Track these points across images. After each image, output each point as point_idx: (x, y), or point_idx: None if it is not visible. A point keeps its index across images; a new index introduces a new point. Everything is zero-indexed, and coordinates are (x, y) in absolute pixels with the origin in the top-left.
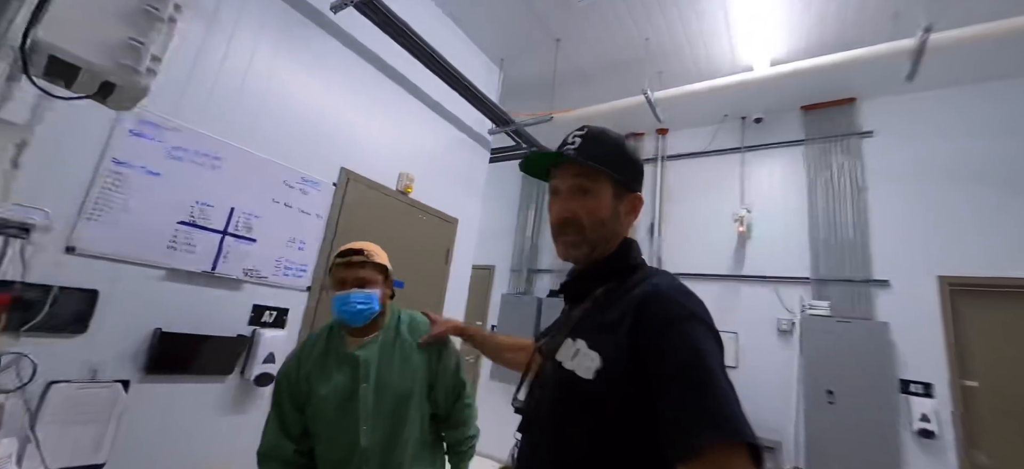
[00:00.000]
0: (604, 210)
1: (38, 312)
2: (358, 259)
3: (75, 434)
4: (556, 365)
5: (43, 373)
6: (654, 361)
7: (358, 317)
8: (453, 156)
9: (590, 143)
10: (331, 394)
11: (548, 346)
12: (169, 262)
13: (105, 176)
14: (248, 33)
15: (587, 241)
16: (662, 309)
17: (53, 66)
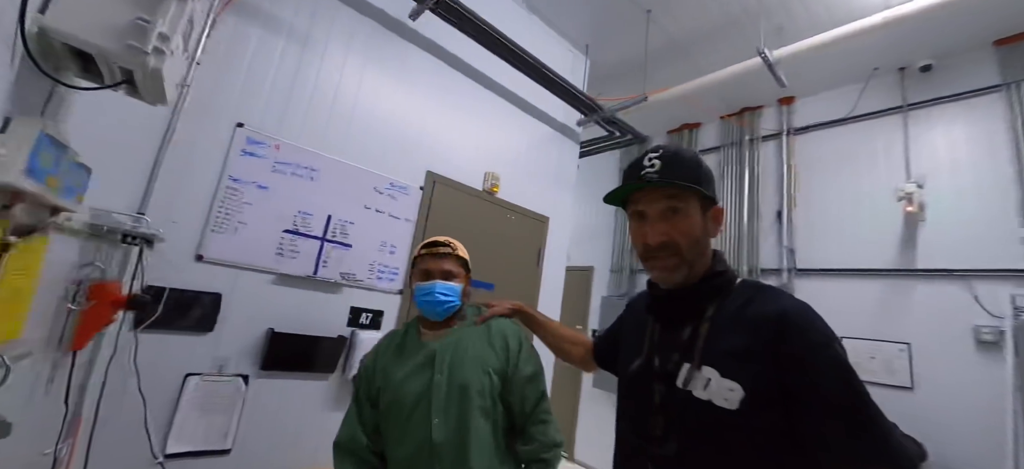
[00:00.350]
0: (697, 228)
1: (174, 311)
2: (444, 250)
3: (207, 421)
4: (685, 395)
5: (181, 366)
6: (807, 391)
7: (439, 309)
8: (540, 152)
9: (671, 164)
10: (405, 384)
11: (659, 369)
12: (277, 267)
13: (224, 192)
14: (338, 51)
15: (686, 262)
16: (804, 336)
17: (71, 56)
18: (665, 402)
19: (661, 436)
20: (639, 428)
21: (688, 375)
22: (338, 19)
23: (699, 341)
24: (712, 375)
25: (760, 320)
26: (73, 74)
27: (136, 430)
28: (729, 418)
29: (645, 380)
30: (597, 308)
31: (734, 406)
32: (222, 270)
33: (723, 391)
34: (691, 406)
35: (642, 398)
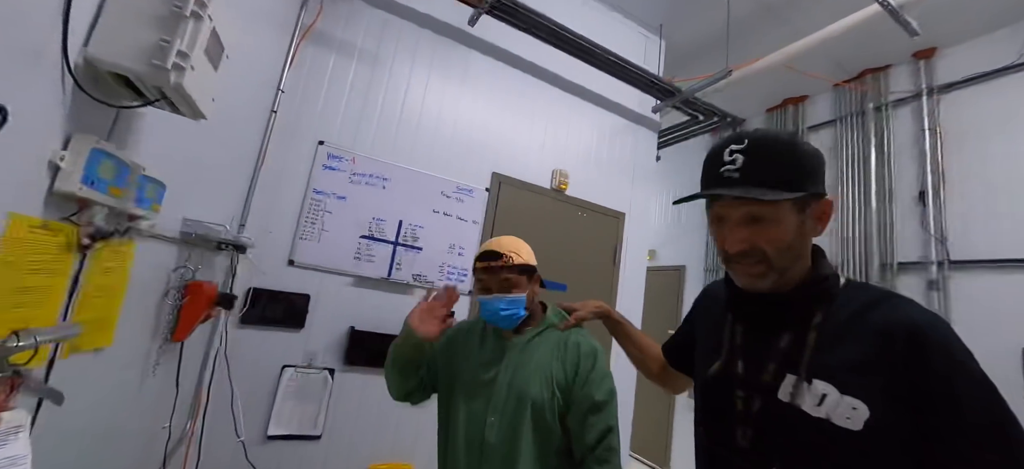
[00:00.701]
0: (787, 234)
1: (272, 309)
2: (497, 264)
3: (301, 409)
4: (793, 411)
5: (279, 358)
6: (949, 415)
7: (504, 323)
8: (612, 145)
9: (755, 161)
10: (474, 372)
11: (744, 376)
12: (356, 270)
13: (310, 203)
14: (403, 65)
15: (774, 269)
16: (945, 352)
17: (120, 81)
18: (760, 415)
19: (749, 448)
20: (720, 438)
21: (795, 389)
22: (402, 36)
23: (806, 352)
24: (828, 391)
25: (886, 331)
26: (126, 97)
27: (237, 411)
28: (851, 439)
29: (725, 386)
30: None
31: (858, 427)
32: (310, 273)
33: (845, 409)
34: (801, 423)
35: (721, 405)
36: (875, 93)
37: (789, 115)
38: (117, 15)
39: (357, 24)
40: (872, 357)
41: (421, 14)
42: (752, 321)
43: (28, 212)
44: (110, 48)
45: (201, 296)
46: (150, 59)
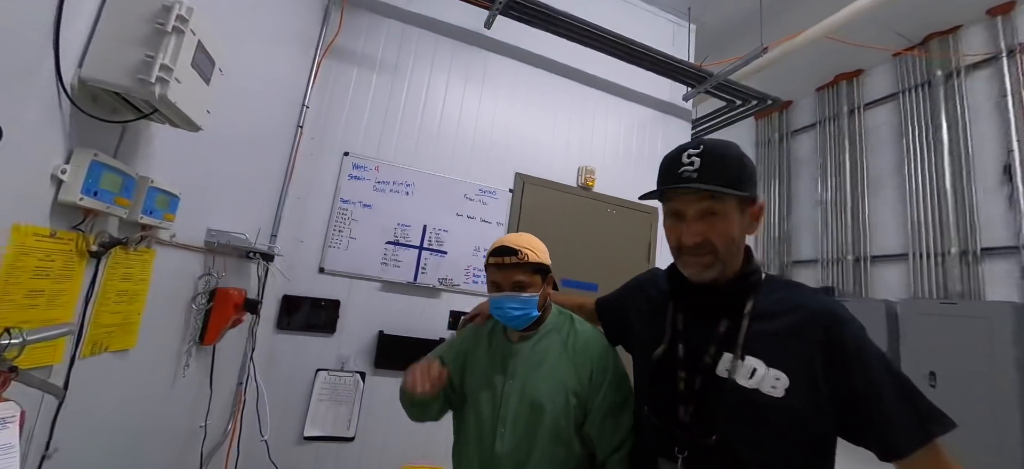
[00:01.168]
0: (733, 228)
1: (305, 315)
2: (511, 261)
3: (335, 411)
4: (730, 384)
5: (313, 361)
6: (859, 377)
7: (514, 323)
8: (642, 137)
9: (709, 164)
10: (482, 380)
11: (685, 358)
12: (383, 275)
13: (337, 213)
14: (422, 73)
15: (721, 261)
16: (851, 333)
17: (117, 98)
18: (701, 391)
19: (691, 423)
20: (665, 415)
21: (731, 365)
22: (420, 44)
23: (741, 334)
24: (757, 365)
25: (806, 318)
26: (131, 113)
27: (275, 414)
28: (775, 405)
29: (669, 368)
30: None
31: (780, 395)
32: (339, 280)
33: (771, 380)
34: (736, 394)
35: (665, 384)
36: (945, 58)
37: (843, 93)
38: (108, 36)
39: (376, 36)
40: (794, 337)
41: (437, 22)
42: (693, 310)
43: (33, 222)
44: (102, 68)
45: (228, 302)
46: (136, 75)
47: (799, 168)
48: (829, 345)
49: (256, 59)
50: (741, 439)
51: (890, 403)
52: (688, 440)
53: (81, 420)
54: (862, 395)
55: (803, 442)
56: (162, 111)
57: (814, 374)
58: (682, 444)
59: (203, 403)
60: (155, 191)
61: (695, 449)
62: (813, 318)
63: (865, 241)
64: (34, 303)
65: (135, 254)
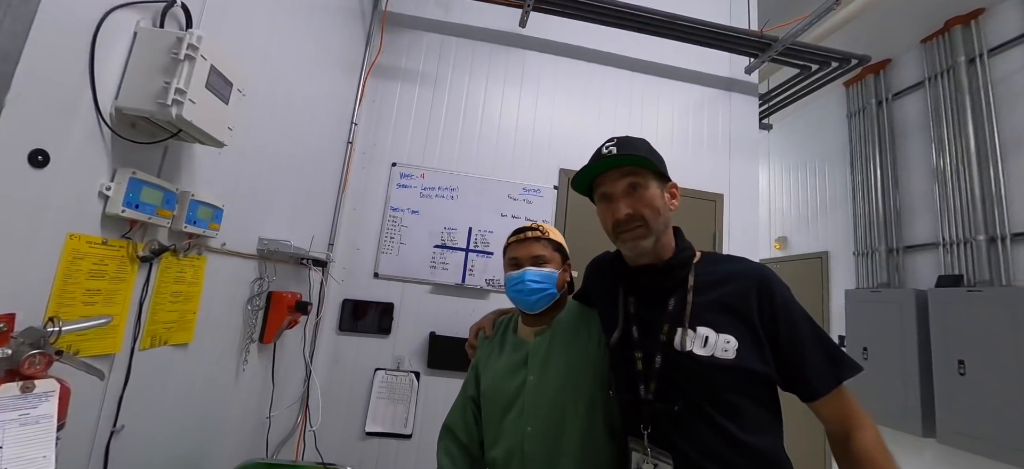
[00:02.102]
0: (657, 199)
1: (363, 318)
2: (533, 234)
3: (393, 409)
4: (687, 356)
5: (372, 361)
6: (785, 329)
7: (531, 298)
8: (699, 119)
9: (626, 146)
10: (501, 380)
11: (640, 339)
12: (433, 278)
13: (388, 220)
14: (461, 80)
15: (652, 231)
16: (779, 290)
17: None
18: (661, 367)
19: (654, 399)
20: (628, 394)
21: (685, 337)
22: (458, 53)
23: (687, 308)
24: (708, 333)
25: (741, 283)
26: (163, 135)
27: (339, 410)
28: (729, 367)
29: (626, 350)
30: (839, 307)
31: (732, 356)
32: (393, 284)
33: (722, 344)
34: (694, 363)
35: (624, 366)
36: None
37: (958, 40)
38: (136, 70)
39: (416, 51)
40: (734, 301)
41: (473, 28)
42: (641, 292)
43: (86, 231)
44: (133, 97)
45: (282, 304)
46: (157, 100)
47: (906, 136)
48: (760, 302)
49: (305, 84)
50: (704, 403)
51: (810, 351)
52: (651, 415)
53: (146, 403)
54: (787, 344)
55: (757, 395)
56: (185, 130)
57: (756, 331)
58: (646, 420)
59: (268, 396)
60: (197, 203)
61: (658, 423)
62: (747, 282)
63: (1001, 217)
64: (92, 301)
65: (186, 260)
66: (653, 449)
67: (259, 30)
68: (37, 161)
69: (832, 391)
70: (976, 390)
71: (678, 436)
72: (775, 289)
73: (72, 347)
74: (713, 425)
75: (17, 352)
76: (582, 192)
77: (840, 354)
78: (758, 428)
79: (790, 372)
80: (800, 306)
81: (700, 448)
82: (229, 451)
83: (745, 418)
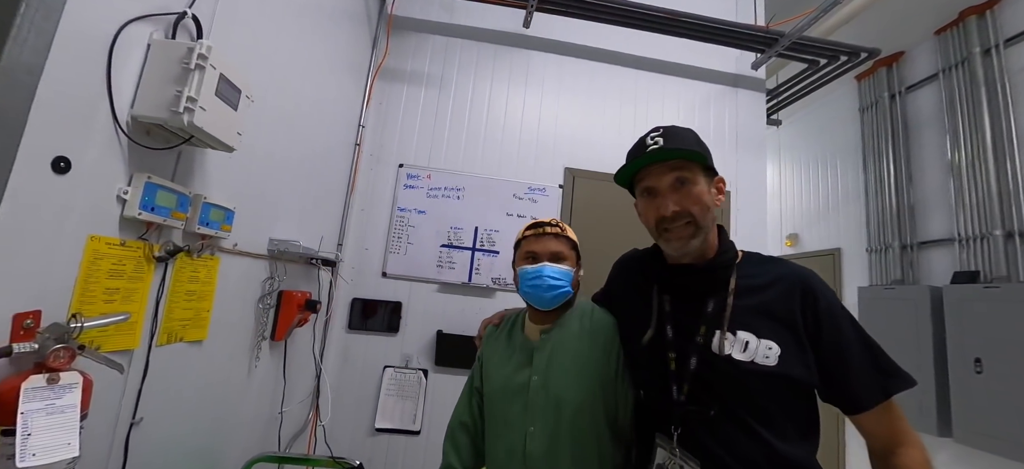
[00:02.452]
0: (706, 196)
1: (371, 316)
2: (552, 230)
3: (402, 406)
4: (725, 360)
5: (381, 359)
6: (829, 335)
7: (548, 295)
8: (705, 115)
9: (673, 137)
10: (505, 379)
11: (674, 339)
12: (440, 277)
13: (395, 221)
14: (466, 81)
15: (701, 230)
16: (823, 294)
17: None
18: (697, 370)
19: (687, 400)
20: (659, 395)
21: (724, 341)
22: (463, 54)
23: (728, 311)
24: (749, 338)
25: (784, 287)
26: (176, 141)
27: (350, 406)
28: (771, 373)
29: (659, 350)
30: (852, 304)
31: (774, 363)
32: (400, 283)
33: (763, 350)
34: (733, 368)
35: (657, 367)
36: None
37: (973, 30)
38: (150, 80)
39: (422, 53)
40: (777, 305)
41: (478, 29)
42: (679, 292)
43: (105, 233)
44: (147, 105)
45: (292, 303)
46: (169, 107)
47: (920, 129)
48: (804, 306)
49: (312, 89)
50: (742, 409)
51: (856, 359)
52: (683, 416)
53: (164, 397)
54: (831, 351)
55: (797, 404)
56: (197, 136)
57: (799, 336)
58: (676, 421)
59: (280, 392)
60: (209, 206)
61: (689, 425)
62: (791, 285)
63: (1018, 211)
64: (112, 298)
65: (199, 260)
66: (682, 451)
67: (267, 37)
68: (60, 168)
69: (879, 405)
70: (994, 389)
71: (711, 440)
72: (819, 293)
73: (94, 342)
74: (749, 432)
75: (43, 346)
76: (623, 185)
77: (890, 364)
78: (795, 438)
79: (833, 382)
80: (847, 312)
81: (734, 455)
82: (243, 445)
83: (783, 427)
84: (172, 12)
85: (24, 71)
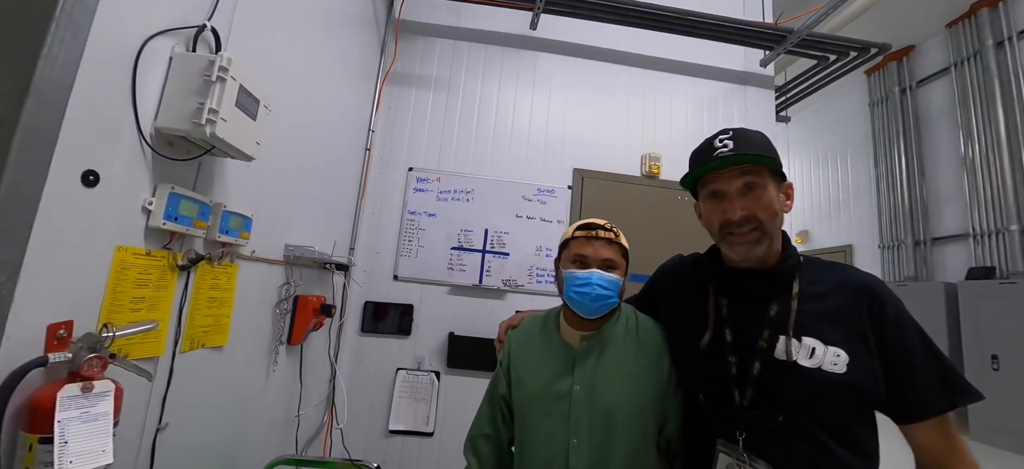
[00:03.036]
0: (775, 202)
1: (384, 319)
2: (605, 235)
3: (415, 408)
4: (790, 366)
5: (393, 361)
6: (895, 342)
7: (596, 305)
8: (714, 114)
9: (742, 142)
10: (541, 385)
11: (734, 343)
12: (450, 280)
13: (406, 224)
14: (474, 83)
15: (767, 236)
16: (891, 302)
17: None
18: (760, 375)
19: (750, 406)
20: (720, 401)
21: (790, 347)
22: (470, 57)
23: (792, 316)
24: (815, 345)
25: (851, 293)
26: (197, 151)
27: (364, 408)
28: (839, 381)
29: (718, 354)
30: None
31: (842, 370)
32: (412, 285)
33: (831, 357)
34: (799, 375)
35: (716, 372)
36: None
37: (985, 23)
38: (173, 92)
39: (430, 57)
40: (844, 313)
41: (485, 32)
42: (739, 295)
43: (131, 243)
44: (170, 117)
45: (307, 307)
46: (192, 119)
47: (931, 124)
48: (871, 312)
49: (324, 95)
50: (808, 417)
51: (921, 367)
52: (748, 422)
53: (187, 403)
54: (896, 358)
55: (863, 414)
56: (218, 146)
57: (868, 344)
58: (742, 426)
59: (296, 396)
60: (229, 214)
61: (753, 430)
62: (857, 292)
63: None
64: (138, 307)
65: (220, 267)
66: (751, 456)
67: (281, 47)
68: (89, 181)
69: (938, 416)
70: (1012, 385)
71: (774, 448)
72: (887, 300)
73: (123, 351)
74: (814, 442)
75: (77, 356)
76: (688, 188)
77: (957, 377)
78: (860, 449)
79: (895, 388)
80: (915, 321)
81: (798, 463)
82: (262, 448)
83: (849, 437)
84: (192, 25)
85: (54, 88)
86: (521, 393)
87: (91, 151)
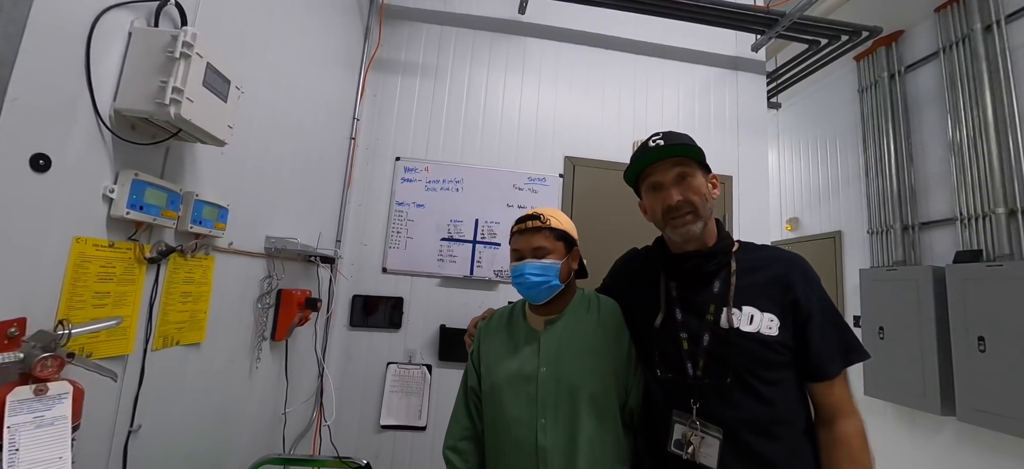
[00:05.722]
0: (704, 188)
1: (373, 313)
2: (532, 225)
3: (407, 402)
4: (734, 333)
5: (384, 355)
6: (813, 313)
7: (534, 292)
8: (705, 100)
9: (672, 138)
10: (508, 372)
11: (684, 320)
12: (441, 271)
13: (394, 215)
14: (462, 70)
15: (701, 218)
16: (810, 274)
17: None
18: (709, 345)
19: (703, 375)
20: (675, 374)
21: (731, 316)
22: (458, 43)
23: (731, 290)
24: (753, 312)
25: (779, 268)
26: (164, 135)
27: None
28: (774, 343)
29: (671, 332)
30: (854, 286)
31: (775, 333)
32: (401, 278)
33: (767, 322)
34: (742, 339)
35: (671, 347)
36: None
37: (974, 7)
38: (133, 71)
39: (415, 43)
40: (774, 283)
41: (472, 17)
42: (685, 276)
43: (92, 234)
44: (130, 98)
45: (292, 301)
46: (154, 99)
47: (920, 109)
48: (794, 284)
49: (304, 81)
50: (751, 377)
51: (827, 332)
52: (701, 390)
53: (162, 403)
54: (805, 323)
55: (791, 370)
56: (185, 129)
57: (787, 310)
58: (695, 395)
59: (282, 393)
60: (202, 204)
61: (706, 397)
62: (785, 266)
63: (1021, 188)
64: (102, 303)
65: (194, 260)
66: (703, 422)
67: (255, 28)
68: (39, 165)
69: (838, 375)
70: (997, 366)
71: (725, 407)
72: (809, 275)
73: (85, 350)
74: (759, 397)
75: (29, 356)
76: (630, 184)
77: (853, 340)
78: (798, 402)
79: (804, 350)
80: (825, 293)
81: (745, 419)
82: (247, 447)
83: (788, 392)
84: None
85: None
86: (489, 381)
87: (40, 133)
